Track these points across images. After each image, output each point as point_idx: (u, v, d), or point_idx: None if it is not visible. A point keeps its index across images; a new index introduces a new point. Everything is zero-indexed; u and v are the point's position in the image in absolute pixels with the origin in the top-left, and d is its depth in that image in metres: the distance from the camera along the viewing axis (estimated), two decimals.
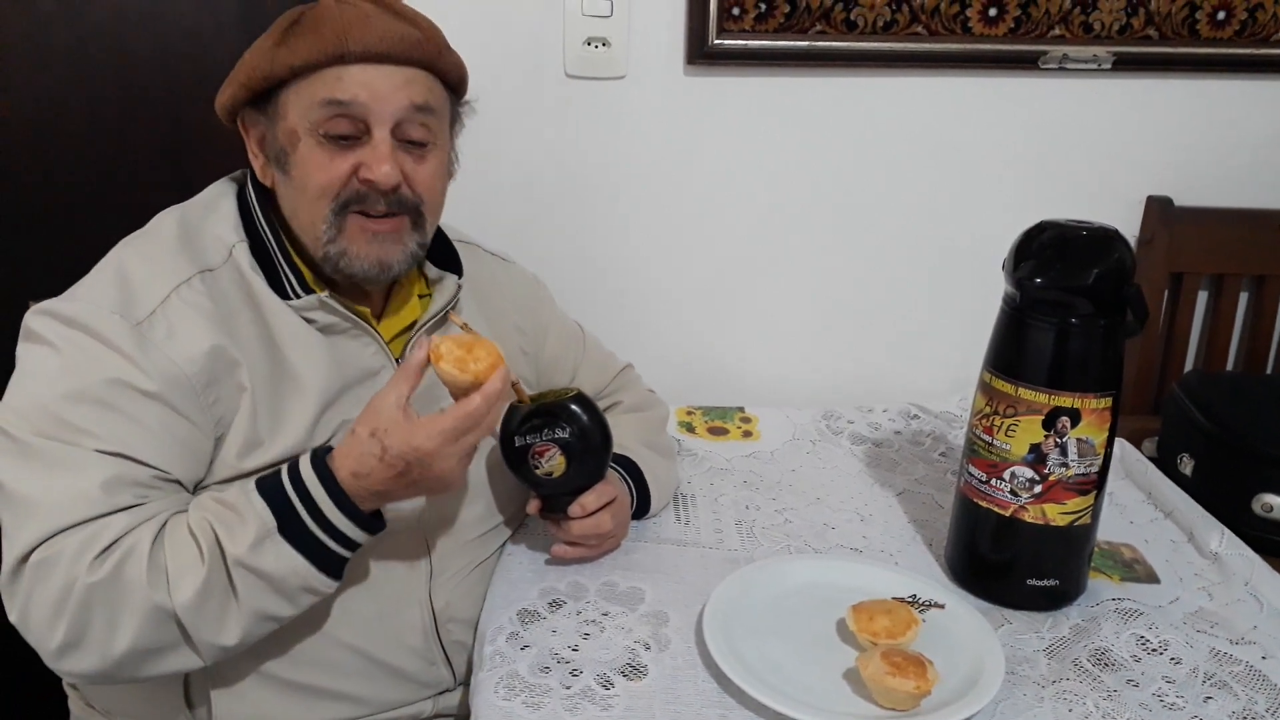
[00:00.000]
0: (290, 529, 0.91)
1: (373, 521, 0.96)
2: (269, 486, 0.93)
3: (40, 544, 0.88)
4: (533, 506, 1.14)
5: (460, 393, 0.95)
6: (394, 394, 0.93)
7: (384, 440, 0.91)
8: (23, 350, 0.96)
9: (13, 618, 0.90)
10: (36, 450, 0.90)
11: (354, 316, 1.04)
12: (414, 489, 0.96)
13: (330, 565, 0.94)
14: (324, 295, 1.02)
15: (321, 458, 0.94)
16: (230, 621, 0.91)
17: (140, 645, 0.89)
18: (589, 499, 1.12)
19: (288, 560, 0.91)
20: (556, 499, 1.12)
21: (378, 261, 1.01)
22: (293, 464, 0.95)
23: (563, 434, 1.08)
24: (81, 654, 0.89)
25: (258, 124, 1.03)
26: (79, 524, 0.88)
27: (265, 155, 1.03)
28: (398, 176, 0.99)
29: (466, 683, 1.12)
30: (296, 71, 0.97)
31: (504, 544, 1.21)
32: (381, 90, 0.98)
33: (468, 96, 1.10)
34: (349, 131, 0.98)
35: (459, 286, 1.14)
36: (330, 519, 0.93)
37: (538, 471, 1.09)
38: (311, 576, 0.93)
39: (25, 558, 0.88)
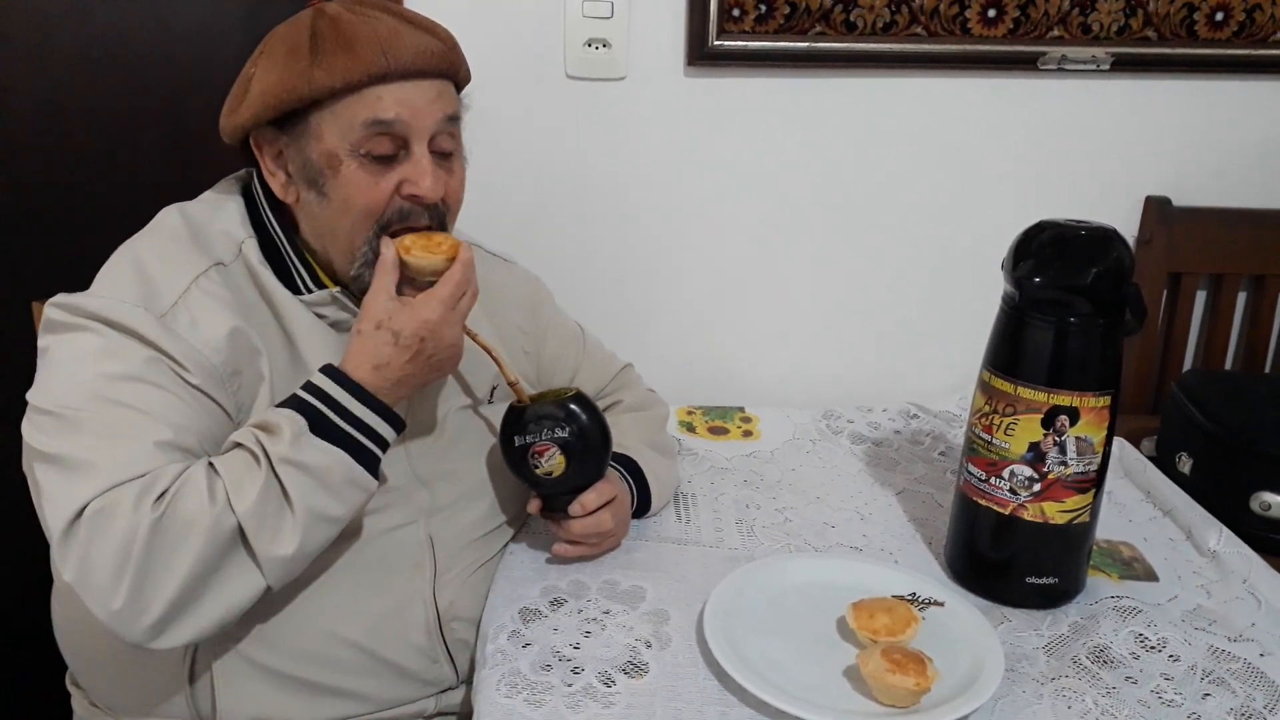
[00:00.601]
0: (320, 428, 0.94)
1: (394, 416, 0.98)
2: (290, 400, 0.96)
3: (95, 498, 0.88)
4: (533, 506, 1.15)
5: (433, 274, 1.01)
6: (383, 291, 0.98)
7: (392, 327, 0.96)
8: (52, 340, 0.97)
9: (69, 576, 0.88)
10: (87, 421, 0.91)
11: None
12: (429, 367, 1.00)
13: (366, 460, 0.96)
14: (336, 291, 1.04)
15: (333, 367, 0.97)
16: (287, 527, 0.92)
17: (203, 568, 0.89)
18: (589, 498, 1.12)
19: (326, 453, 0.93)
20: (557, 498, 1.13)
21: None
22: (306, 381, 0.97)
23: (562, 433, 1.09)
24: (148, 597, 0.88)
25: (275, 141, 1.02)
26: (133, 479, 0.89)
27: (287, 173, 1.03)
28: (441, 189, 1.01)
29: (469, 681, 1.12)
30: (336, 93, 0.97)
31: (507, 543, 1.21)
32: (419, 106, 0.99)
33: (462, 95, 1.11)
34: (391, 150, 0.99)
35: None
36: (356, 413, 0.96)
37: (537, 471, 1.10)
38: (352, 468, 0.95)
39: (79, 513, 0.88)
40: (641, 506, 1.25)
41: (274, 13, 1.58)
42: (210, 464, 0.92)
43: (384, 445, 0.98)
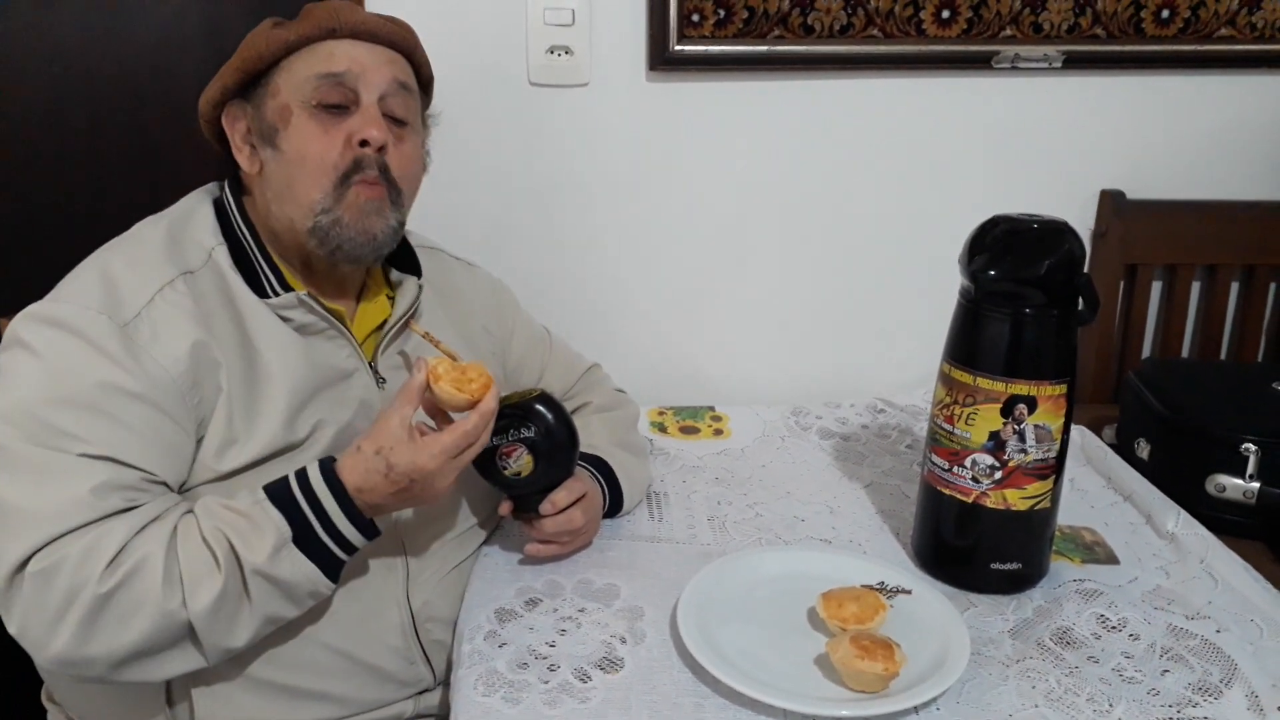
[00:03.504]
0: (304, 539, 0.95)
1: (371, 528, 1.00)
2: (281, 497, 0.96)
3: (36, 552, 0.88)
4: (504, 508, 1.16)
5: (454, 409, 1.02)
6: (398, 415, 0.98)
7: (389, 458, 0.96)
8: (5, 358, 0.97)
9: (12, 629, 0.90)
10: (22, 457, 0.91)
11: (330, 317, 1.06)
12: (408, 502, 1.01)
13: (334, 571, 0.98)
14: (302, 294, 1.05)
15: (331, 469, 0.97)
16: (241, 626, 0.94)
17: (146, 648, 0.91)
18: (559, 496, 1.14)
19: (301, 568, 0.95)
20: (527, 498, 1.14)
21: (364, 231, 1.04)
22: (301, 474, 0.97)
23: (528, 434, 1.10)
24: (85, 660, 0.90)
25: (243, 115, 1.07)
26: (74, 530, 0.89)
27: (251, 144, 1.07)
28: (387, 136, 1.04)
29: (447, 682, 1.13)
30: (291, 47, 1.03)
31: (480, 546, 1.22)
32: (369, 64, 1.05)
33: (431, 110, 1.15)
34: (340, 100, 1.03)
35: (420, 287, 1.16)
36: (339, 528, 0.97)
37: (506, 472, 1.11)
38: (320, 582, 0.97)
39: (21, 566, 0.89)
40: (614, 506, 1.27)
41: (235, 24, 1.60)
42: (172, 540, 0.92)
43: (353, 553, 1.00)
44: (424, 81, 1.14)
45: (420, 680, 1.13)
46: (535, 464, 1.10)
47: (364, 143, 1.03)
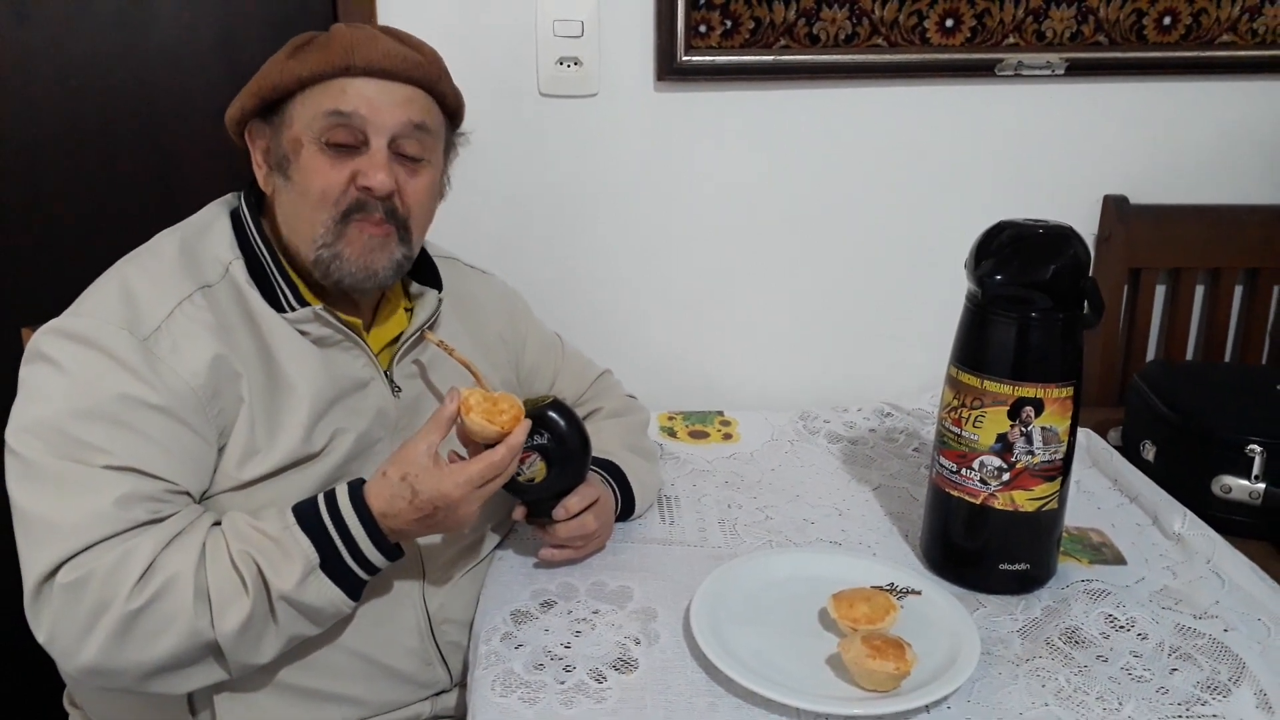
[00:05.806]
0: (331, 565, 0.97)
1: (396, 551, 1.02)
2: (310, 522, 0.97)
3: (64, 563, 0.90)
4: (518, 513, 1.18)
5: (483, 441, 1.03)
6: (425, 442, 1.00)
7: (415, 485, 0.98)
8: (28, 372, 0.98)
9: (41, 638, 0.92)
10: (48, 471, 0.93)
11: (345, 329, 1.08)
12: (433, 529, 1.03)
13: (357, 592, 1.00)
14: (318, 308, 1.06)
15: (360, 495, 0.99)
16: (266, 645, 0.96)
17: (172, 664, 0.93)
18: (572, 501, 1.15)
19: (328, 594, 0.97)
20: (540, 504, 1.16)
21: (364, 267, 1.05)
22: (330, 499, 0.99)
23: (541, 440, 1.11)
24: (113, 672, 0.92)
25: (263, 135, 1.07)
26: (100, 542, 0.91)
27: (268, 165, 1.07)
28: (392, 184, 1.04)
29: (463, 683, 1.14)
30: (304, 82, 1.02)
31: (495, 548, 1.24)
32: (381, 105, 1.03)
33: (459, 129, 1.16)
34: (348, 141, 1.03)
35: (439, 301, 1.18)
36: (365, 553, 0.99)
37: (520, 478, 1.12)
38: (343, 604, 0.99)
39: (49, 577, 0.90)
40: (626, 509, 1.28)
41: (249, 40, 1.62)
42: (201, 559, 0.93)
43: (375, 574, 1.02)
44: (451, 111, 1.12)
45: (437, 681, 1.14)
46: (548, 470, 1.12)
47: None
